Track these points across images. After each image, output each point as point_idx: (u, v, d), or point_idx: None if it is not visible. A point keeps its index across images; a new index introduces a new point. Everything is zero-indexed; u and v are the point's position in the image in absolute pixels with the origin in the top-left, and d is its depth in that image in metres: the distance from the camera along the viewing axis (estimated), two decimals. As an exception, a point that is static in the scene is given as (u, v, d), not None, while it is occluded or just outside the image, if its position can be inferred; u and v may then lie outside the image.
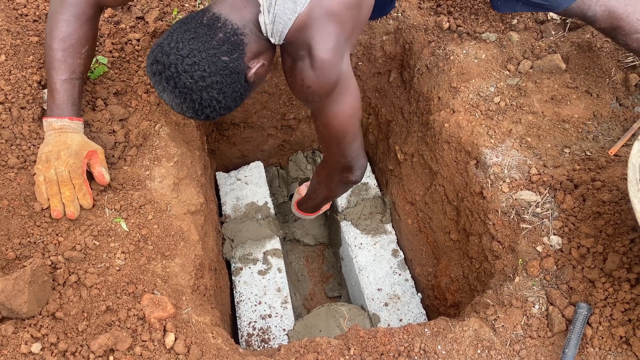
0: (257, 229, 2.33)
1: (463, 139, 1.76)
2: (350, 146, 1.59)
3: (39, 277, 1.21)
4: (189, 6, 2.08)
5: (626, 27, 1.56)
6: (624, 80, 1.81)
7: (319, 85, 1.39)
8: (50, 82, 1.42)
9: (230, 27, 1.26)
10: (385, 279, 2.22)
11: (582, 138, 1.72)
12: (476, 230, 1.73)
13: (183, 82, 1.22)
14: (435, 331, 1.37)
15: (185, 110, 1.28)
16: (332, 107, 1.46)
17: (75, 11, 1.41)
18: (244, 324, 2.04)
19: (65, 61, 1.41)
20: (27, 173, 1.44)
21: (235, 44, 1.26)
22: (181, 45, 1.22)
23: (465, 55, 1.95)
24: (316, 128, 1.59)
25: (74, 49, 1.42)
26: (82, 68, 1.46)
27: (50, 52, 1.41)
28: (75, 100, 1.45)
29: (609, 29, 1.59)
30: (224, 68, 1.24)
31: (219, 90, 1.26)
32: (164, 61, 1.22)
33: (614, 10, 1.55)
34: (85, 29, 1.43)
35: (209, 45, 1.23)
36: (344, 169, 1.69)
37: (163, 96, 1.28)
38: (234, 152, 2.65)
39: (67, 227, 1.38)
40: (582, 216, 1.49)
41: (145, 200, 1.48)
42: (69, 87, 1.43)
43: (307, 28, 1.31)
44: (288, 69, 1.43)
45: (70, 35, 1.41)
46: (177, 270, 1.42)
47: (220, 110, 1.30)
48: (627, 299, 1.29)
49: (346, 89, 1.44)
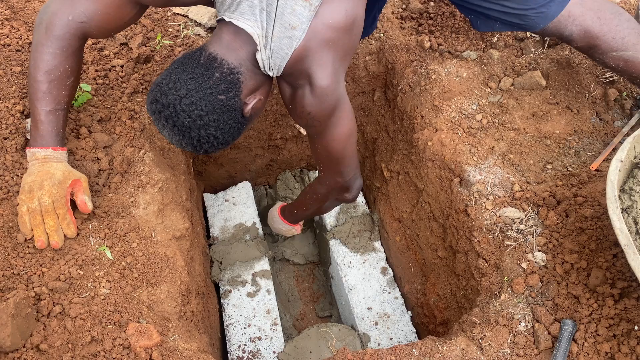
0: (245, 250, 2.32)
1: (446, 157, 1.78)
2: (348, 167, 1.64)
3: (22, 309, 1.20)
4: (172, 31, 2.09)
5: (602, 46, 1.58)
6: (603, 95, 1.84)
7: (319, 111, 1.43)
8: (34, 113, 1.42)
9: (226, 66, 1.29)
10: (375, 297, 2.22)
11: (563, 153, 1.74)
12: (462, 248, 1.73)
13: (181, 121, 1.26)
14: (423, 351, 1.37)
15: (185, 146, 1.32)
16: (331, 130, 1.50)
17: (61, 44, 1.41)
18: (233, 347, 2.03)
19: (50, 93, 1.42)
20: (10, 204, 1.44)
21: (232, 83, 1.30)
22: (179, 85, 1.26)
23: (447, 73, 1.97)
24: (314, 150, 1.62)
25: (59, 80, 1.43)
26: (67, 99, 1.46)
27: (35, 84, 1.41)
28: (59, 131, 1.45)
29: (585, 47, 1.62)
30: (220, 106, 1.28)
31: (216, 127, 1.30)
32: (162, 101, 1.26)
33: (590, 30, 1.57)
34: (70, 61, 1.44)
35: (206, 85, 1.27)
36: (342, 189, 1.73)
37: (163, 133, 1.32)
38: (221, 173, 2.65)
39: (51, 257, 1.37)
40: (566, 232, 1.50)
41: (130, 228, 1.48)
42: (53, 118, 1.43)
43: (304, 59, 1.34)
44: (288, 98, 1.47)
45: (56, 68, 1.41)
46: (163, 297, 1.41)
47: (218, 145, 1.34)
48: (611, 314, 1.30)
49: (344, 111, 1.49)
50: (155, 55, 1.99)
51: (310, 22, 1.30)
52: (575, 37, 1.59)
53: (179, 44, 2.06)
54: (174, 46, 2.04)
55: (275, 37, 1.30)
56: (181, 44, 2.06)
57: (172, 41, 2.06)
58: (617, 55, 1.59)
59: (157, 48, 2.01)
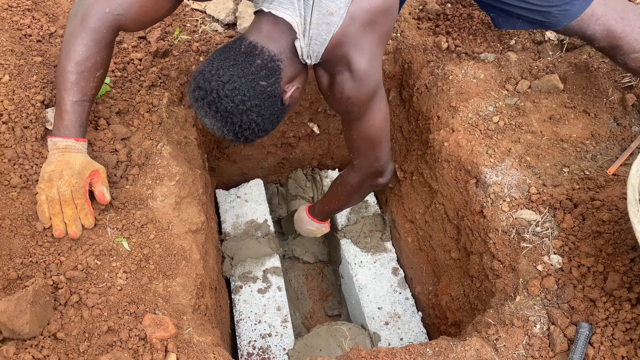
0: (256, 246, 2.33)
1: (463, 158, 1.78)
2: (383, 151, 1.66)
3: (40, 297, 1.21)
4: (190, 26, 2.10)
5: (625, 47, 1.58)
6: (621, 100, 1.83)
7: (359, 96, 1.45)
8: (60, 102, 1.43)
9: (267, 54, 1.32)
10: (385, 297, 2.22)
11: (580, 157, 1.73)
12: (477, 249, 1.73)
13: (224, 107, 1.27)
14: (437, 351, 1.37)
15: (226, 133, 1.33)
16: (369, 115, 1.53)
17: (95, 36, 1.41)
18: (243, 343, 2.03)
19: (78, 83, 1.42)
20: (29, 192, 1.44)
21: (273, 70, 1.32)
22: (222, 71, 1.28)
23: (464, 75, 1.97)
24: (349, 137, 1.64)
25: (89, 72, 1.43)
26: (93, 91, 1.47)
27: (64, 74, 1.41)
28: (82, 122, 1.46)
29: (607, 48, 1.61)
30: (262, 92, 1.30)
31: (258, 113, 1.31)
32: (205, 87, 1.28)
33: (613, 30, 1.57)
34: (103, 53, 1.45)
35: (248, 71, 1.29)
36: (376, 174, 1.74)
37: (205, 121, 1.33)
38: (234, 169, 2.66)
39: (68, 246, 1.38)
40: (582, 235, 1.50)
41: (147, 220, 1.49)
42: (79, 109, 1.44)
43: (343, 44, 1.37)
44: (325, 85, 1.49)
45: (88, 60, 1.42)
46: (179, 290, 1.42)
47: (259, 132, 1.35)
48: (628, 318, 1.30)
49: (381, 95, 1.53)
50: (173, 49, 2.00)
51: (348, 7, 1.32)
52: (597, 36, 1.58)
53: (196, 39, 2.07)
54: (192, 41, 2.05)
55: (314, 24, 1.32)
56: (199, 39, 2.07)
57: (189, 36, 2.07)
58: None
59: (175, 43, 2.02)
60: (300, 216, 2.22)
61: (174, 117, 1.83)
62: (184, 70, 1.97)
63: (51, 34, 1.82)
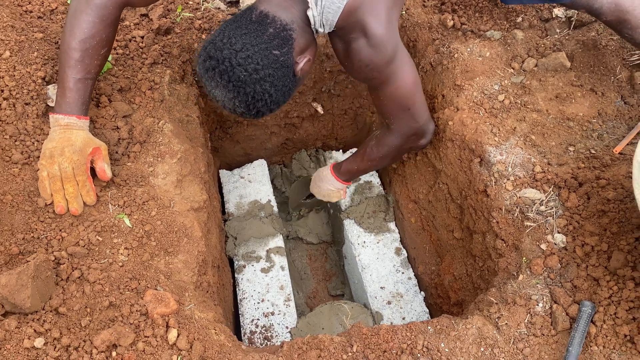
0: (260, 226, 2.33)
1: (467, 137, 1.76)
2: (419, 112, 1.66)
3: (42, 272, 1.21)
4: (192, 4, 2.08)
5: (632, 21, 1.56)
6: (629, 78, 1.80)
7: (378, 61, 1.44)
8: (63, 80, 1.42)
9: (279, 23, 1.30)
10: (388, 277, 2.21)
11: (586, 136, 1.71)
12: (480, 229, 1.72)
13: (237, 76, 1.25)
14: (439, 329, 1.37)
15: (238, 105, 1.30)
16: (394, 78, 1.51)
17: (101, 13, 1.40)
18: (246, 322, 2.04)
19: (82, 61, 1.41)
20: (30, 169, 1.44)
21: (285, 39, 1.30)
22: (234, 40, 1.25)
23: (470, 53, 1.94)
24: (379, 103, 1.62)
25: (94, 50, 1.42)
26: (97, 69, 1.46)
27: (68, 51, 1.40)
28: (85, 100, 1.45)
29: (614, 22, 1.59)
30: (275, 61, 1.28)
31: (271, 84, 1.29)
32: (217, 56, 1.25)
33: (621, 4, 1.55)
34: (108, 31, 1.43)
35: (261, 40, 1.27)
36: (417, 136, 1.74)
37: (215, 92, 1.30)
38: (237, 150, 2.65)
39: (70, 222, 1.38)
40: (587, 214, 1.48)
41: (149, 197, 1.48)
42: (82, 86, 1.43)
43: (356, 11, 1.35)
44: (342, 53, 1.48)
45: (93, 37, 1.40)
46: (180, 267, 1.42)
47: (271, 104, 1.33)
48: (631, 297, 1.29)
49: (403, 57, 1.51)
50: (176, 27, 1.98)
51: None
52: (605, 10, 1.56)
53: (199, 16, 2.05)
54: (194, 19, 2.03)
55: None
56: (201, 16, 2.04)
57: (192, 14, 2.05)
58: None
59: (178, 20, 2.00)
60: (323, 175, 2.16)
61: (176, 94, 1.82)
62: (186, 47, 1.95)
63: (52, 10, 1.81)
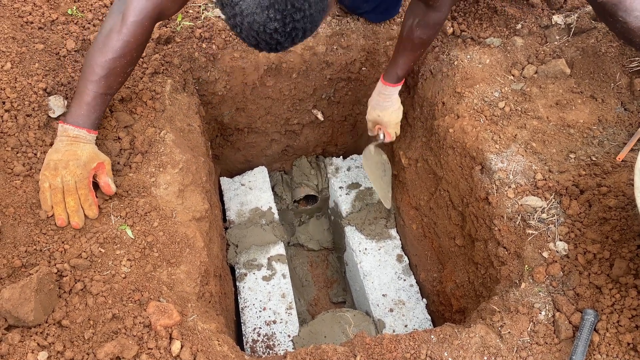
0: (261, 234, 2.33)
1: (468, 144, 1.76)
2: None
3: (45, 285, 1.21)
4: (192, 12, 2.08)
5: (627, 3, 1.55)
6: (629, 84, 1.80)
7: None
8: (83, 92, 1.42)
9: None
10: (390, 284, 2.21)
11: (587, 143, 1.71)
12: (482, 236, 1.72)
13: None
14: (442, 337, 1.37)
15: (273, 16, 1.12)
16: None
17: (137, 32, 1.40)
18: (248, 330, 2.04)
19: (107, 78, 1.42)
20: (32, 181, 1.44)
21: None
22: None
23: (470, 60, 1.95)
24: None
25: (122, 68, 1.43)
26: (119, 86, 1.48)
27: (95, 67, 1.40)
28: (99, 115, 1.46)
29: (609, 5, 1.58)
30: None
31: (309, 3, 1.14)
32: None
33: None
34: (140, 49, 1.44)
35: None
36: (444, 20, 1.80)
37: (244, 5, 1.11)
38: (238, 157, 2.65)
39: (72, 234, 1.38)
40: (588, 222, 1.49)
41: (151, 207, 1.48)
42: (101, 101, 1.44)
43: None
44: None
45: (124, 57, 1.41)
46: (183, 277, 1.42)
47: (309, 18, 1.16)
48: (634, 305, 1.29)
49: None
50: (176, 36, 1.98)
51: None
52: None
53: (199, 25, 2.05)
54: (195, 27, 2.04)
55: None
56: (201, 25, 2.05)
57: (192, 23, 2.05)
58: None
59: (178, 29, 2.01)
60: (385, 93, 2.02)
61: (177, 104, 1.82)
62: (186, 57, 1.96)
63: (53, 21, 1.81)
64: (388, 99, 2.03)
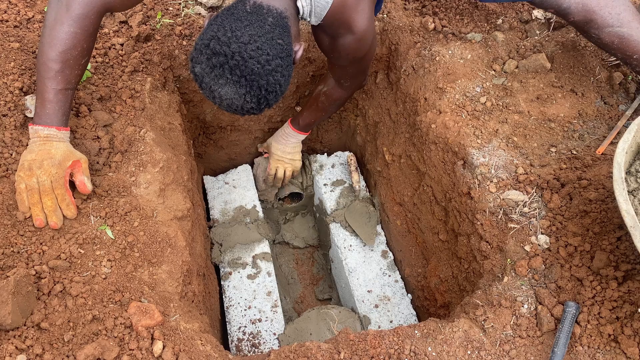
0: (245, 232, 2.32)
1: (450, 140, 1.77)
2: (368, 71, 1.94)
3: (23, 287, 1.19)
4: (172, 10, 2.06)
5: (599, 20, 1.58)
6: (608, 78, 1.82)
7: (362, 50, 1.65)
8: (43, 91, 1.39)
9: (275, 11, 1.30)
10: (375, 280, 2.22)
11: (568, 137, 1.72)
12: (464, 231, 1.73)
13: (250, 69, 1.22)
14: (425, 333, 1.37)
15: (249, 100, 1.27)
16: (367, 56, 1.73)
17: (83, 23, 1.37)
18: (233, 329, 2.03)
19: (62, 72, 1.39)
20: (9, 182, 1.42)
21: (284, 28, 1.31)
22: (239, 33, 1.22)
23: (451, 55, 1.95)
24: (343, 71, 1.83)
25: (75, 60, 1.40)
26: (77, 79, 1.44)
27: (48, 62, 1.37)
28: (65, 111, 1.43)
29: (582, 22, 1.61)
30: (282, 51, 1.28)
31: (281, 74, 1.29)
32: (225, 51, 1.21)
33: (588, 3, 1.58)
34: (89, 41, 1.41)
35: (264, 30, 1.26)
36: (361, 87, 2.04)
37: (222, 91, 1.26)
38: (221, 155, 2.63)
39: (51, 235, 1.36)
40: (569, 215, 1.50)
41: (131, 207, 1.47)
42: (62, 97, 1.41)
43: (344, 9, 1.44)
44: (327, 45, 1.62)
45: (74, 48, 1.38)
46: (165, 277, 1.41)
47: (280, 95, 1.33)
48: (614, 296, 1.30)
49: (374, 36, 1.67)
50: (156, 34, 1.96)
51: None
52: (572, 10, 1.60)
53: (179, 22, 2.03)
54: (175, 25, 2.02)
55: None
56: (182, 22, 2.03)
57: (172, 20, 2.03)
58: (613, 32, 1.58)
59: (158, 27, 1.98)
60: (284, 133, 2.27)
61: (157, 102, 1.80)
62: (166, 54, 1.94)
63: (28, 19, 1.78)
64: (285, 138, 2.28)
